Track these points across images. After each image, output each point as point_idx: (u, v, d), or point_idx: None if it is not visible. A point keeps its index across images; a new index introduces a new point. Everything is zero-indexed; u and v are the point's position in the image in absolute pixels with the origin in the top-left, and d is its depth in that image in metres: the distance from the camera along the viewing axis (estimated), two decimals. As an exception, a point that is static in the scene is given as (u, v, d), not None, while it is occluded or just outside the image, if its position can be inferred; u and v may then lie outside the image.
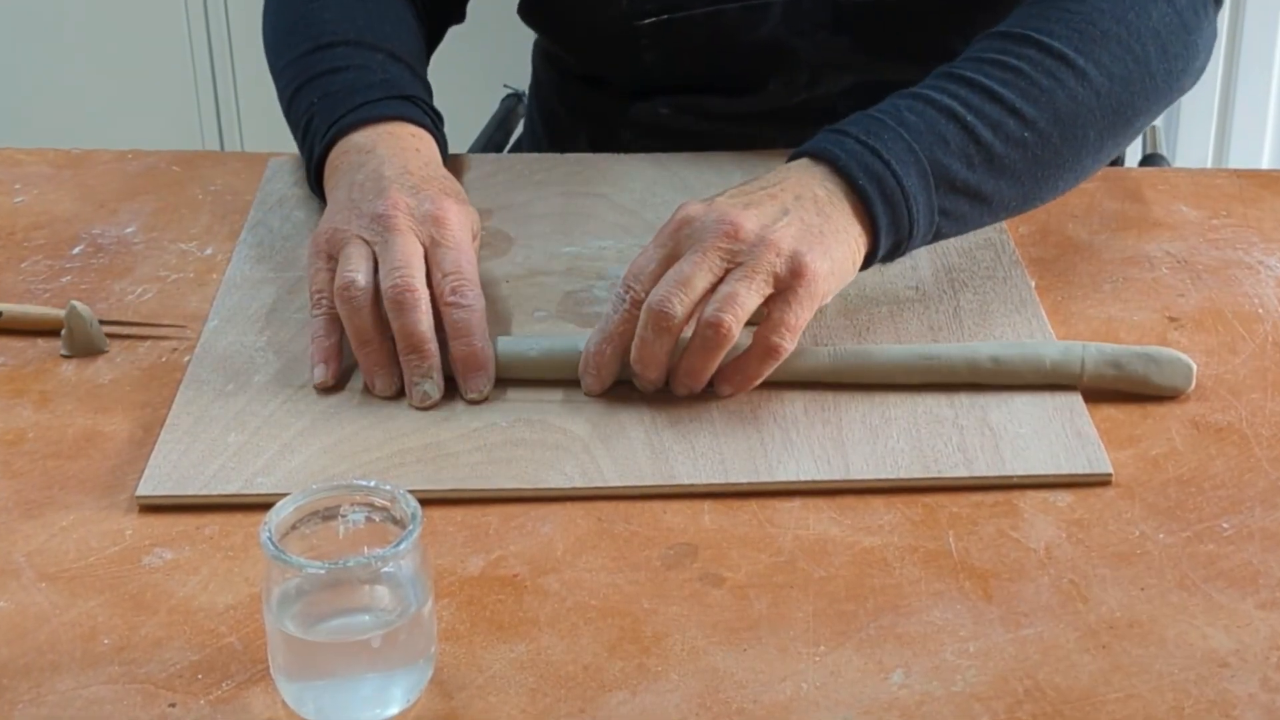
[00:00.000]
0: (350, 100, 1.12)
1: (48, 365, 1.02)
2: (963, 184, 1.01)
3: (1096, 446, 0.93)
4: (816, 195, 0.98)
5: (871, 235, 0.98)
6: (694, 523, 0.88)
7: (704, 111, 1.30)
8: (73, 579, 0.85)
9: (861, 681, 0.78)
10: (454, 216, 1.01)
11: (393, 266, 0.97)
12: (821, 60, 1.25)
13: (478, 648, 0.80)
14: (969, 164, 1.01)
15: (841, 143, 1.00)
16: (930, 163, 1.00)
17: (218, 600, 0.83)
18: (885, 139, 1.00)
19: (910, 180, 0.99)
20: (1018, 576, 0.84)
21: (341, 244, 1.00)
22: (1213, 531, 0.88)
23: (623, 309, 0.95)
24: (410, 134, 1.11)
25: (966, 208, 1.02)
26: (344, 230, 1.00)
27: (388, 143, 1.08)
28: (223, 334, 1.04)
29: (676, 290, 0.93)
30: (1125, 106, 1.06)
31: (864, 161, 0.99)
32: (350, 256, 0.98)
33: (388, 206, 1.00)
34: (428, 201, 1.01)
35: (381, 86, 1.13)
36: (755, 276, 0.93)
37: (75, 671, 0.79)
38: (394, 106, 1.12)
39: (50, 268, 1.13)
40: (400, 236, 0.99)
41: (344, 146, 1.10)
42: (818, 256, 0.95)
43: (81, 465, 0.93)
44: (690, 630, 0.81)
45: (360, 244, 0.99)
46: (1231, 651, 0.80)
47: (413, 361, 0.96)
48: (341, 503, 0.78)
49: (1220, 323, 1.05)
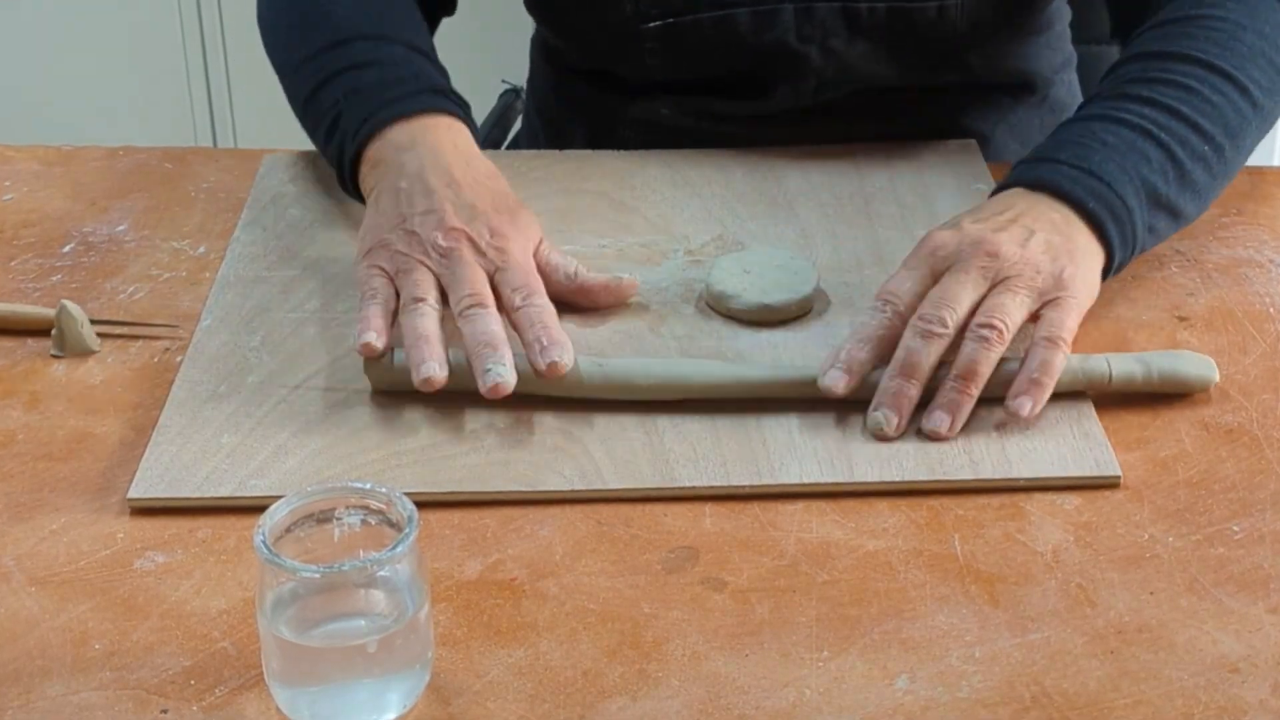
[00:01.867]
0: (381, 95, 1.12)
1: (38, 365, 1.02)
2: (1165, 200, 1.05)
3: (1105, 448, 0.93)
4: (1053, 219, 1.01)
5: (1107, 253, 1.02)
6: (695, 526, 0.88)
7: (707, 112, 1.30)
8: (63, 583, 0.85)
9: (866, 687, 0.78)
10: (513, 242, 1.02)
11: (465, 294, 0.98)
12: (831, 67, 1.25)
13: (475, 653, 0.80)
14: (1167, 180, 1.05)
15: (1057, 170, 1.04)
16: (1140, 180, 1.04)
17: (211, 604, 0.83)
18: (1096, 160, 1.04)
19: (1129, 197, 1.03)
20: (1024, 580, 0.84)
21: (404, 269, 1.01)
22: (1223, 535, 0.88)
23: (881, 318, 0.97)
24: (446, 126, 1.11)
25: (1165, 223, 1.07)
26: (405, 255, 1.01)
27: (425, 139, 1.09)
28: (216, 334, 1.04)
29: (946, 304, 0.96)
30: (1272, 114, 1.12)
31: (1085, 184, 1.03)
32: (417, 282, 1.00)
33: (451, 240, 1.01)
34: (485, 229, 1.02)
35: (412, 81, 1.14)
36: (1020, 290, 0.96)
37: (66, 677, 0.79)
38: (426, 100, 1.12)
39: (40, 266, 1.13)
40: (467, 268, 1.00)
41: (380, 144, 1.10)
42: (1075, 270, 0.99)
43: (72, 467, 0.93)
44: (691, 635, 0.81)
45: (425, 271, 1.00)
46: (1242, 657, 0.80)
47: (484, 353, 0.95)
48: (337, 505, 0.78)
49: (1230, 322, 1.05)
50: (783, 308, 1.04)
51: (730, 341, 1.03)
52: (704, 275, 1.08)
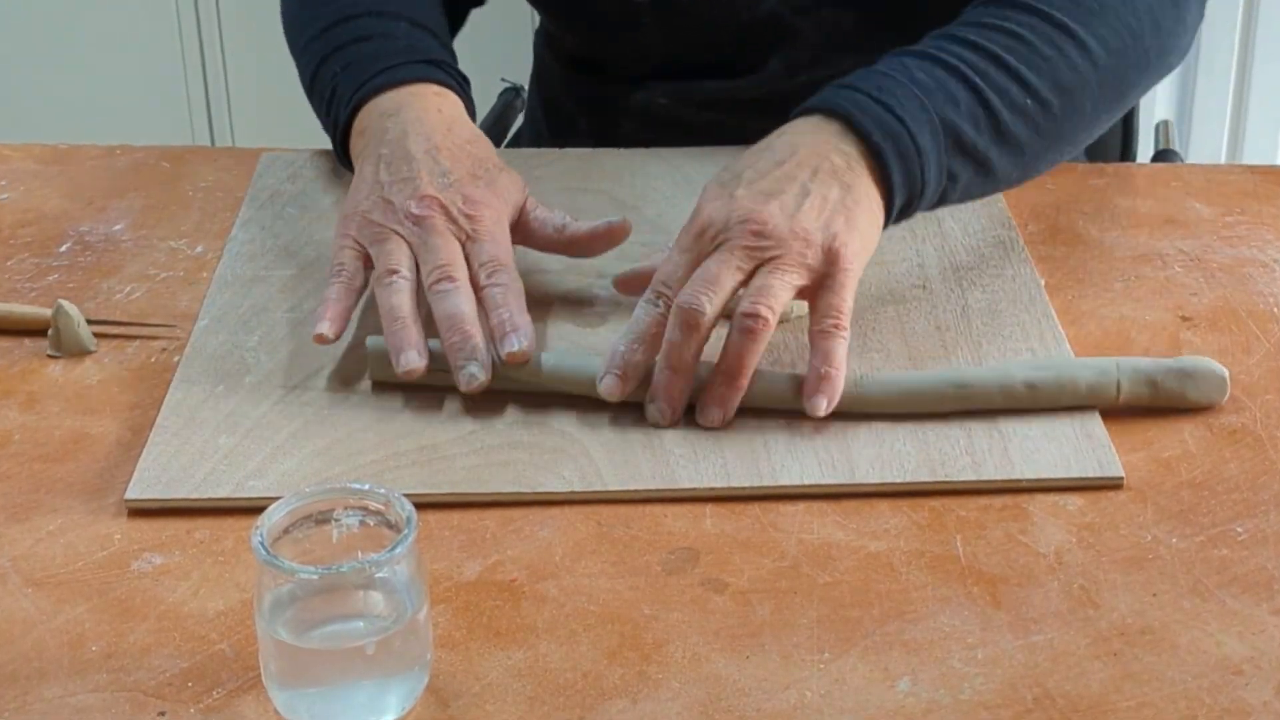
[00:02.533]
0: (373, 66, 1.13)
1: (34, 366, 1.02)
2: (970, 147, 1.02)
3: (1107, 449, 0.93)
4: (834, 164, 0.98)
5: (886, 194, 0.99)
6: (695, 527, 0.88)
7: (702, 99, 1.30)
8: (60, 584, 0.85)
9: (867, 689, 0.78)
10: (486, 210, 1.02)
11: (435, 265, 0.99)
12: (824, 38, 1.25)
13: (474, 655, 0.80)
14: (976, 127, 1.02)
15: (853, 98, 1.01)
16: (941, 122, 1.01)
17: (208, 606, 0.83)
18: (898, 95, 1.00)
19: (923, 138, 1.00)
20: (1027, 582, 0.84)
21: (378, 239, 1.01)
22: (1227, 536, 0.88)
23: (654, 313, 0.95)
24: (434, 93, 1.12)
25: (971, 173, 1.03)
26: (381, 226, 1.01)
27: (411, 105, 1.09)
28: (213, 334, 1.04)
29: (705, 289, 0.94)
30: (1120, 80, 1.07)
31: (877, 117, 0.99)
32: (390, 252, 1.00)
33: (424, 208, 1.01)
34: (459, 197, 1.02)
35: (405, 52, 1.15)
36: (788, 269, 0.94)
37: (63, 679, 0.79)
38: (418, 70, 1.13)
39: (37, 266, 1.13)
40: (439, 238, 1.00)
41: (368, 111, 1.11)
42: (848, 236, 0.96)
43: (69, 468, 0.93)
44: (691, 637, 0.81)
45: (399, 241, 1.01)
46: (1246, 659, 0.80)
47: (455, 344, 0.95)
48: (335, 506, 0.78)
49: (1234, 322, 1.05)
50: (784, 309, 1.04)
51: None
52: (704, 275, 1.08)
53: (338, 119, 1.13)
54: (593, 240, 1.06)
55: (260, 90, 2.46)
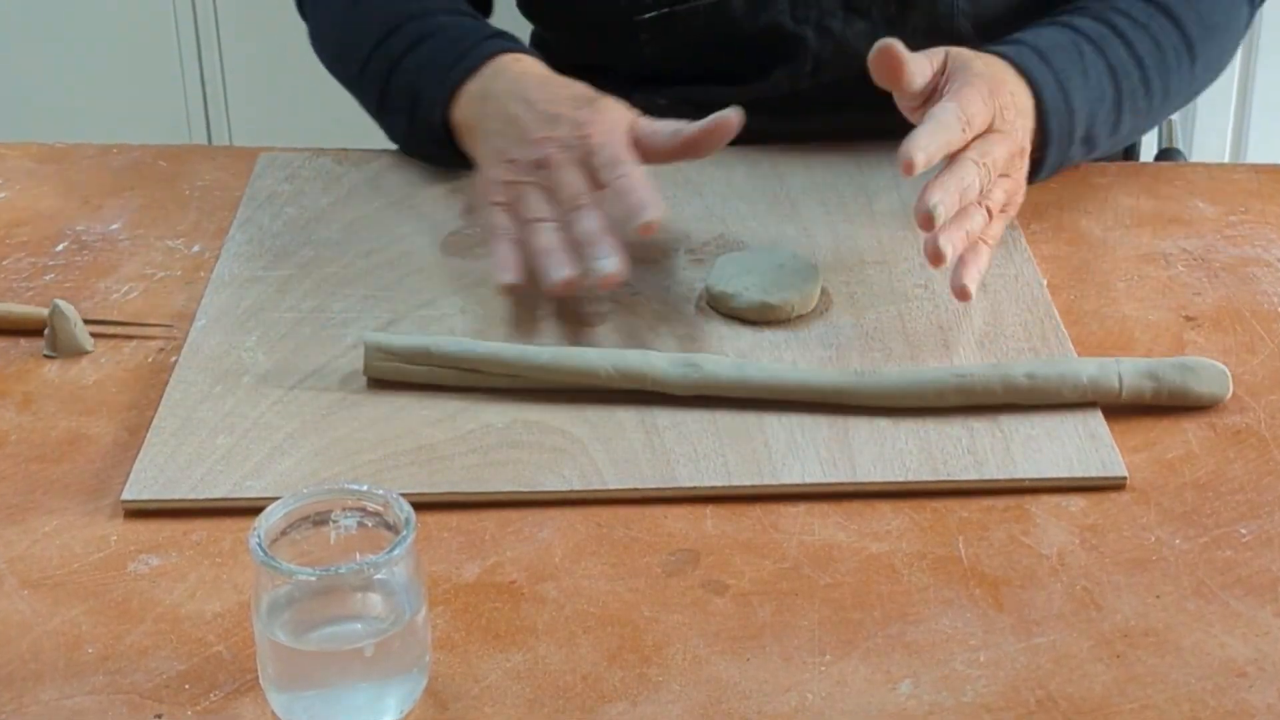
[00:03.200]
0: (446, 58, 1.17)
1: (30, 366, 1.02)
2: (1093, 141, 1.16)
3: (1111, 449, 0.93)
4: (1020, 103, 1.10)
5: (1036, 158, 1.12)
6: (696, 528, 0.88)
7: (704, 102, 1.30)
8: (56, 586, 0.85)
9: (868, 692, 0.78)
10: (597, 126, 1.07)
11: (565, 195, 1.05)
12: (827, 49, 1.25)
13: (473, 657, 0.80)
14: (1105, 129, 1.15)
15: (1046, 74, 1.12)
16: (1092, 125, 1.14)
17: (205, 608, 0.83)
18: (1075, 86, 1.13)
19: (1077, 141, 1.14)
20: (1029, 583, 0.84)
21: (517, 195, 1.07)
22: (1230, 537, 0.88)
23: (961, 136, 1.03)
24: (514, 60, 1.16)
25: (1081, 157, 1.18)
26: (514, 182, 1.07)
27: (498, 81, 1.14)
28: (211, 334, 1.04)
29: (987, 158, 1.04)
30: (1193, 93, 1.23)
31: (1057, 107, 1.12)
32: (530, 204, 1.06)
33: (539, 150, 1.07)
34: (568, 126, 1.08)
35: (469, 35, 1.19)
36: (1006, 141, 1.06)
37: (59, 681, 0.78)
38: (488, 46, 1.17)
39: (33, 265, 1.13)
40: (562, 171, 1.06)
41: (461, 104, 1.15)
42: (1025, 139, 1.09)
43: (65, 469, 0.93)
44: (692, 639, 0.81)
45: (534, 189, 1.06)
46: (1250, 661, 0.80)
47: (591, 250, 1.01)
48: (333, 507, 0.78)
49: (1238, 322, 1.05)
50: (784, 307, 1.04)
51: (732, 342, 1.03)
52: (705, 274, 1.08)
53: (430, 119, 1.17)
54: (708, 137, 1.08)
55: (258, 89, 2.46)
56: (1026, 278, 1.09)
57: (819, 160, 1.24)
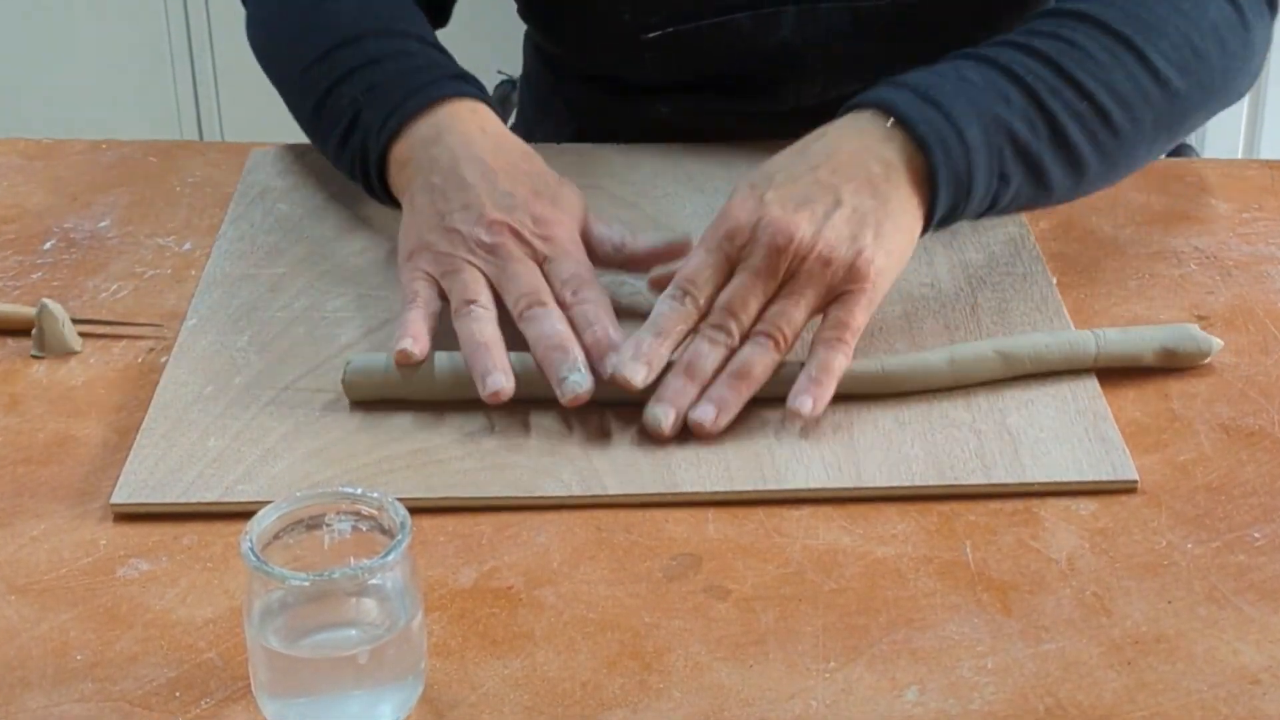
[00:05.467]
0: (402, 86, 1.10)
1: (18, 366, 1.02)
2: (1023, 147, 1.01)
3: (1121, 452, 0.93)
4: (871, 173, 0.98)
5: (929, 195, 0.99)
6: (697, 532, 0.88)
7: (708, 112, 1.29)
8: (44, 591, 0.85)
9: (874, 699, 0.78)
10: (559, 228, 1.02)
11: (520, 293, 0.98)
12: (836, 67, 1.24)
13: (470, 664, 0.80)
14: (1031, 127, 1.01)
15: (899, 91, 1.01)
16: (993, 119, 1.00)
17: (196, 614, 0.83)
18: (945, 90, 1.00)
19: (972, 133, 0.99)
20: (1038, 589, 0.84)
21: (451, 269, 1.00)
22: (1243, 541, 0.88)
23: (678, 309, 0.96)
24: (470, 110, 1.10)
25: (1023, 177, 1.02)
26: (451, 256, 1.00)
27: (453, 129, 1.07)
28: (202, 333, 1.04)
29: (733, 312, 0.95)
30: (1182, 97, 1.07)
31: (923, 112, 0.99)
32: (466, 283, 0.99)
33: (494, 234, 1.00)
34: (528, 218, 1.01)
35: (430, 69, 1.12)
36: (806, 292, 0.95)
37: (46, 689, 0.79)
38: (446, 86, 1.11)
39: (20, 264, 1.13)
40: (518, 264, 0.99)
41: (406, 142, 1.08)
42: (875, 253, 0.96)
43: (53, 471, 0.93)
44: (694, 645, 0.81)
45: (473, 270, 1.00)
46: (1263, 668, 0.80)
47: (555, 357, 0.95)
48: (327, 511, 0.78)
49: (1251, 321, 1.05)
50: (788, 306, 1.04)
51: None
52: (707, 273, 1.08)
53: (367, 148, 1.10)
54: (651, 259, 1.05)
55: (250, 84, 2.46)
56: (1035, 276, 1.09)
57: (823, 156, 1.24)
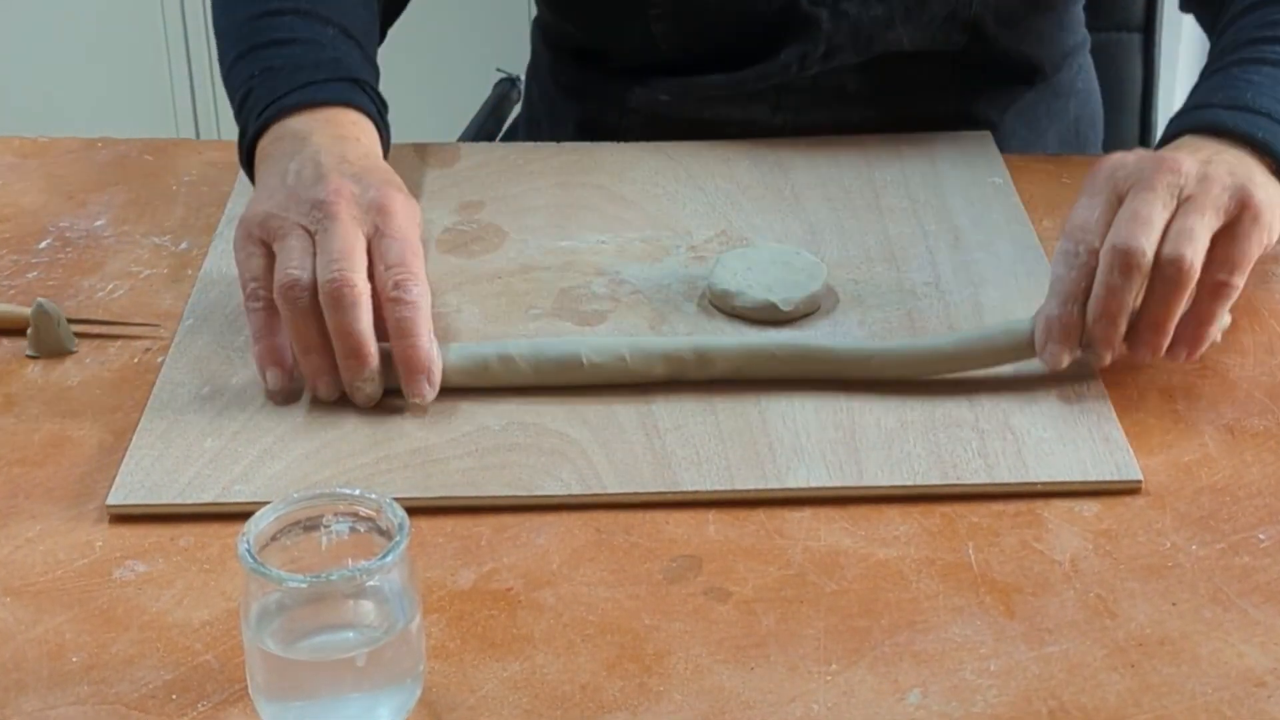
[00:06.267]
0: (292, 80, 1.09)
1: (12, 367, 1.02)
2: None
3: (1125, 452, 0.93)
4: (1228, 157, 0.99)
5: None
6: (698, 533, 0.88)
7: (707, 93, 1.30)
8: (39, 593, 0.85)
9: (876, 702, 0.78)
10: (400, 206, 0.99)
11: (331, 259, 0.94)
12: (841, 31, 1.24)
13: (469, 666, 0.80)
14: None
15: (1214, 113, 1.03)
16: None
17: (193, 616, 0.83)
18: (1249, 96, 1.03)
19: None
20: (1041, 590, 0.84)
21: (280, 233, 0.97)
22: (1249, 543, 0.88)
23: (1078, 263, 0.96)
24: (351, 121, 1.08)
25: None
26: (280, 217, 0.97)
27: (325, 130, 1.06)
28: (198, 334, 1.04)
29: (1141, 228, 0.94)
30: None
31: (1247, 119, 1.02)
32: (291, 250, 0.96)
33: (329, 192, 0.97)
34: (372, 189, 0.99)
35: (328, 66, 1.11)
36: (1206, 209, 0.95)
37: (42, 691, 0.79)
38: (337, 90, 1.09)
39: (15, 263, 1.13)
40: (341, 225, 0.96)
41: (278, 131, 1.07)
42: (1258, 189, 0.96)
43: (48, 473, 0.93)
44: (694, 648, 0.81)
45: (301, 233, 0.97)
46: (1268, 670, 0.80)
47: (351, 366, 0.94)
48: (324, 512, 0.78)
49: (1257, 322, 1.05)
50: (789, 306, 1.04)
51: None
52: (707, 272, 1.08)
53: (245, 131, 1.09)
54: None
55: (247, 80, 2.46)
56: (1038, 275, 1.09)
57: (824, 154, 1.24)
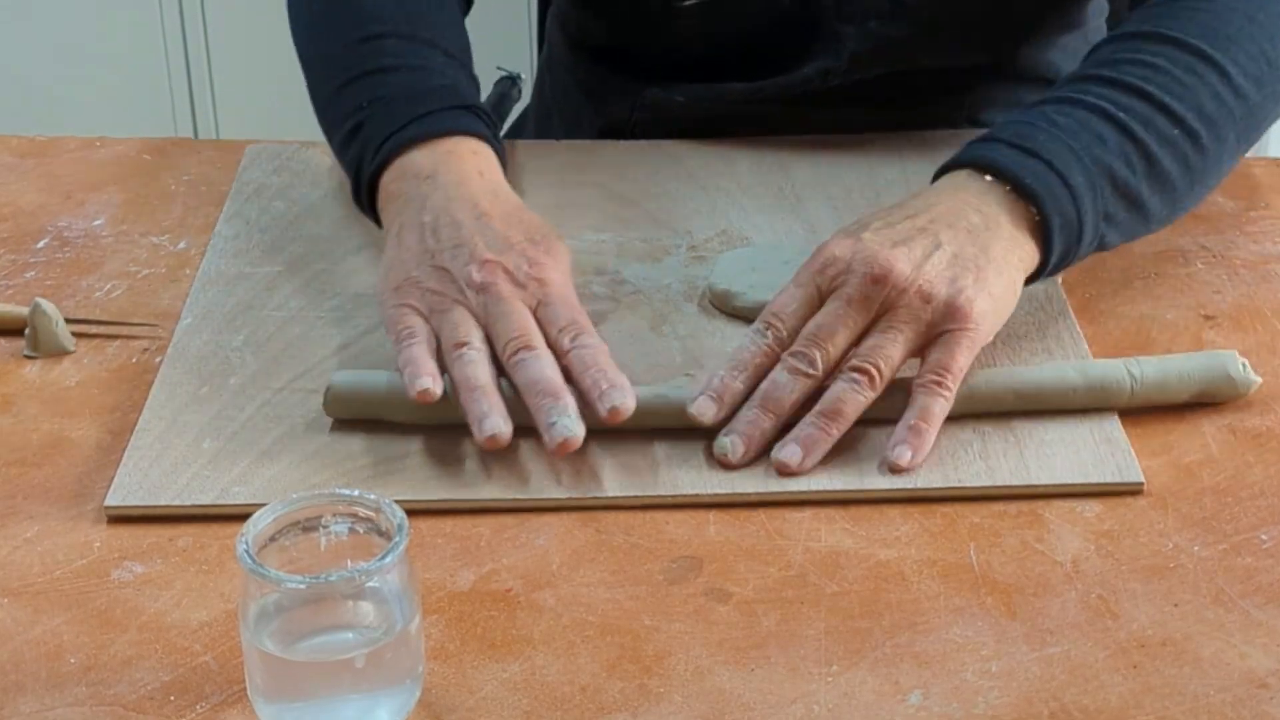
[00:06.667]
0: (408, 109, 1.09)
1: (10, 366, 1.02)
2: (1123, 185, 1.00)
3: (1127, 453, 0.93)
4: (971, 224, 0.97)
5: (1042, 244, 0.98)
6: (698, 534, 0.88)
7: (723, 99, 1.29)
8: (37, 594, 0.85)
9: (877, 703, 0.78)
10: (553, 272, 0.99)
11: (511, 336, 0.95)
12: (866, 48, 1.24)
13: (468, 667, 0.80)
14: (1128, 163, 1.00)
15: (995, 148, 1.00)
16: (1092, 161, 0.99)
17: (191, 617, 0.83)
18: (1040, 140, 0.99)
19: (1075, 179, 0.98)
20: (1043, 591, 0.84)
21: (441, 308, 0.97)
22: (1250, 544, 0.88)
23: (761, 343, 0.95)
24: (471, 151, 1.08)
25: (1125, 214, 1.01)
26: (441, 295, 0.97)
27: (449, 167, 1.05)
28: (197, 333, 1.04)
29: (819, 342, 0.93)
30: (1259, 108, 1.06)
31: (1023, 163, 0.98)
32: (457, 324, 0.96)
33: (486, 274, 0.97)
34: (524, 261, 0.98)
35: (440, 95, 1.10)
36: (902, 328, 0.93)
37: (40, 693, 0.79)
38: (454, 119, 1.09)
39: (13, 263, 1.13)
40: (509, 305, 0.96)
41: (401, 168, 1.06)
42: (976, 295, 0.94)
43: (46, 473, 0.93)
44: (694, 649, 0.81)
45: (464, 310, 0.97)
46: (1271, 672, 0.80)
47: (546, 404, 0.92)
48: (323, 513, 0.78)
49: (1259, 321, 1.05)
50: (790, 306, 1.04)
51: (735, 342, 1.03)
52: (707, 272, 1.08)
53: (362, 162, 1.09)
54: None
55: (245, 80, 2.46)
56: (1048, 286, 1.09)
57: (825, 154, 1.24)
